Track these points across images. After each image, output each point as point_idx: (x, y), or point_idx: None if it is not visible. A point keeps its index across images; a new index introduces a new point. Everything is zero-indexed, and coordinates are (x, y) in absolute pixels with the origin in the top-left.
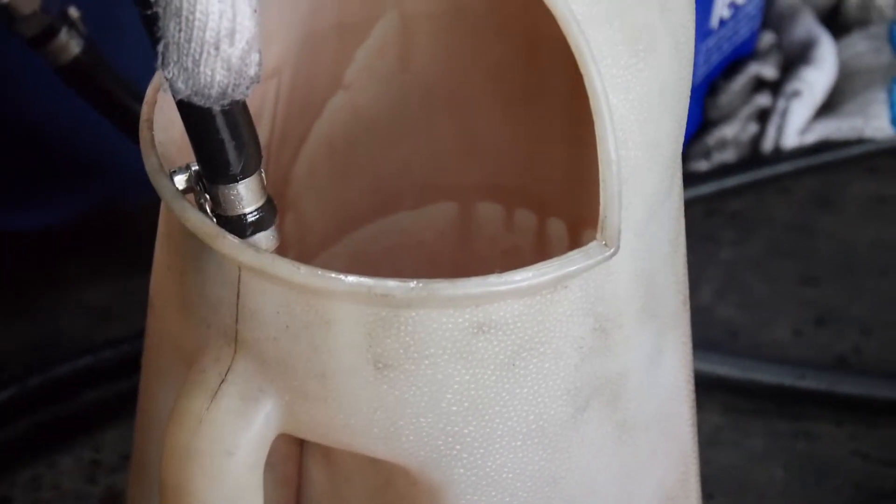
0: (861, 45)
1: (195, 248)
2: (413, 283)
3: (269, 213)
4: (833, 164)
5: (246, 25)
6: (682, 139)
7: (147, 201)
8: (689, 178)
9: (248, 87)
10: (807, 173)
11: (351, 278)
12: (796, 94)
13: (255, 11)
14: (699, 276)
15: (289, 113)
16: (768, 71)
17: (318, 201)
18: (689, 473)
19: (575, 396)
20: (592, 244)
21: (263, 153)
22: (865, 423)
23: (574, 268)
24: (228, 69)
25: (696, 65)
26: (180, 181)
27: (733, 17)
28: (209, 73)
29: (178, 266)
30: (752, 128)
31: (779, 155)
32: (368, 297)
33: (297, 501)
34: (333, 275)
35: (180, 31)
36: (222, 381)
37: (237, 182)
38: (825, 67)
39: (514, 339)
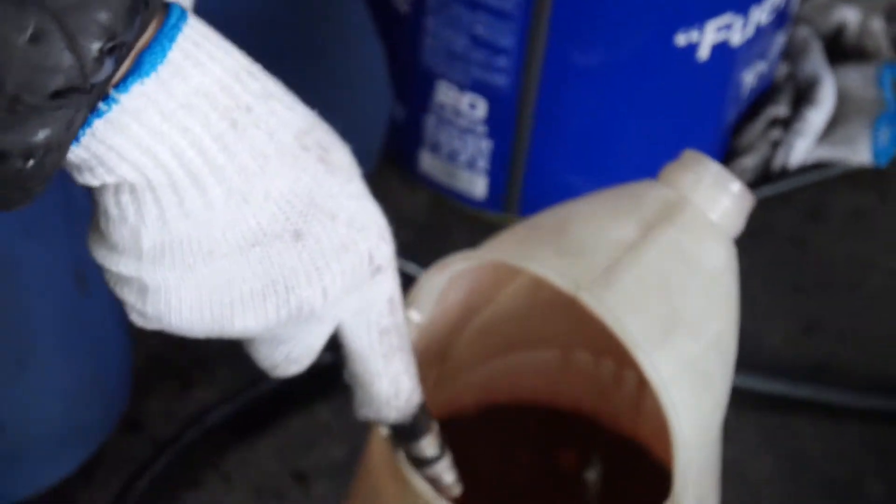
0: (855, 76)
1: None
2: None
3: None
4: (824, 180)
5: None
6: (728, 393)
7: None
8: None
9: None
10: (804, 188)
11: None
12: (800, 132)
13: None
14: None
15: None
16: (781, 111)
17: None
18: None
19: None
20: None
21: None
22: (838, 427)
23: None
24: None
25: (726, 114)
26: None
27: (759, 82)
28: None
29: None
30: (766, 153)
31: (783, 174)
32: None
33: None
34: None
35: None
36: None
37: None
38: (824, 107)
39: None
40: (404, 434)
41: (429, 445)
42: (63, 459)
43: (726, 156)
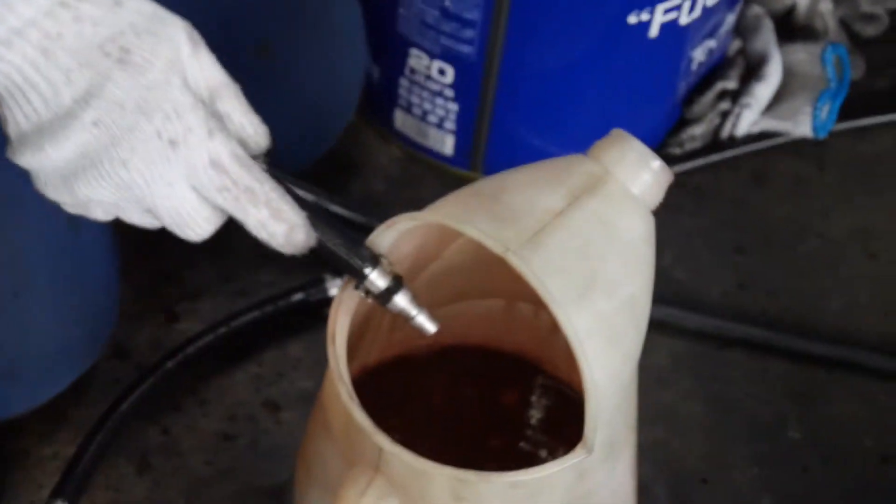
0: (801, 54)
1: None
2: (473, 476)
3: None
4: (769, 148)
5: None
6: (640, 348)
7: None
8: (666, 160)
9: None
10: (750, 155)
11: (446, 469)
12: (747, 105)
13: None
14: (664, 242)
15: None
16: (731, 84)
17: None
18: None
19: None
20: (579, 451)
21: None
22: (763, 374)
23: (569, 464)
24: None
25: (677, 87)
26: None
27: (708, 57)
28: None
29: (345, 421)
30: (715, 122)
31: (731, 142)
32: (454, 474)
33: None
34: (435, 465)
35: None
36: (368, 486)
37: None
38: (771, 82)
39: (533, 489)
40: (347, 271)
41: (378, 278)
42: (55, 379)
43: (678, 124)
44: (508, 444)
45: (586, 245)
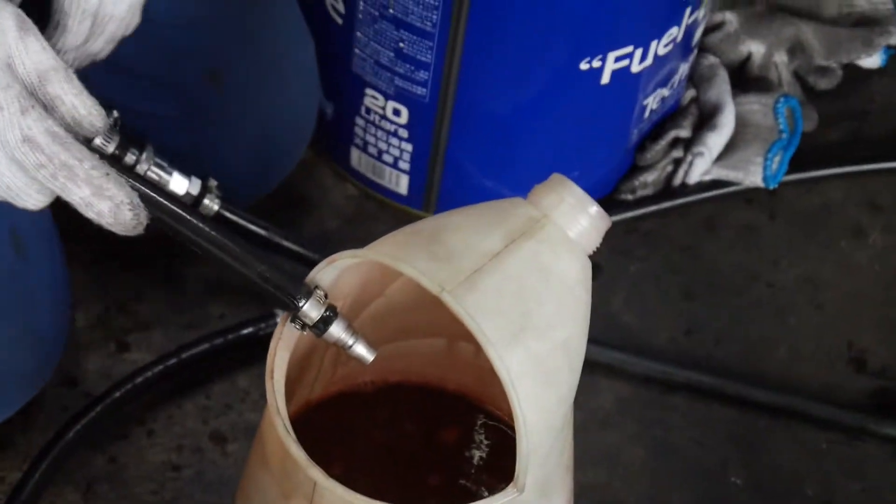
0: (755, 104)
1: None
2: None
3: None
4: (720, 196)
5: None
6: (574, 391)
7: None
8: (618, 205)
9: None
10: (702, 203)
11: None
12: (700, 154)
13: None
14: (614, 286)
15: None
16: (684, 133)
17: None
18: None
19: None
20: (510, 490)
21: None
22: (707, 419)
23: (501, 502)
24: None
25: (630, 133)
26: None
27: (661, 105)
28: None
29: (281, 454)
30: (668, 169)
31: (683, 189)
32: None
33: None
34: (367, 500)
35: None
36: None
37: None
38: (724, 132)
39: None
40: (279, 304)
41: (311, 309)
42: (2, 403)
43: (630, 171)
44: (449, 481)
45: (522, 287)
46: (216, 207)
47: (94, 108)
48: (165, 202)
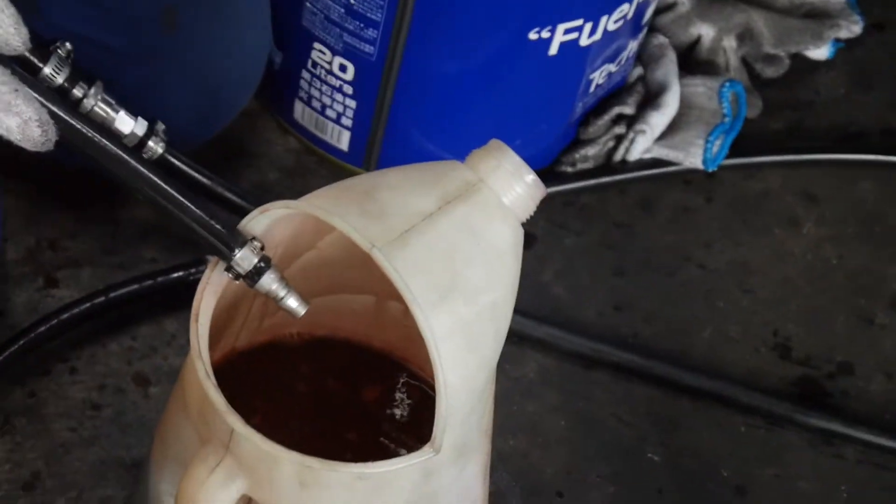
0: (700, 87)
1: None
2: (318, 463)
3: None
4: (659, 175)
5: None
6: (497, 356)
7: None
8: (557, 177)
9: None
10: (640, 181)
11: (293, 454)
12: (642, 132)
13: None
14: (547, 258)
15: (289, 253)
16: (627, 109)
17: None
18: None
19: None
20: (427, 449)
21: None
22: (628, 395)
23: (417, 461)
24: None
25: (574, 107)
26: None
27: (607, 81)
28: None
29: (201, 399)
30: (609, 145)
31: (623, 166)
32: (300, 460)
33: None
34: (282, 449)
35: None
36: (217, 465)
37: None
38: (668, 112)
39: (379, 482)
40: (213, 251)
41: (244, 258)
42: None
43: (572, 144)
44: (368, 437)
45: (452, 249)
46: (160, 151)
47: (13, 25)
48: (101, 139)
